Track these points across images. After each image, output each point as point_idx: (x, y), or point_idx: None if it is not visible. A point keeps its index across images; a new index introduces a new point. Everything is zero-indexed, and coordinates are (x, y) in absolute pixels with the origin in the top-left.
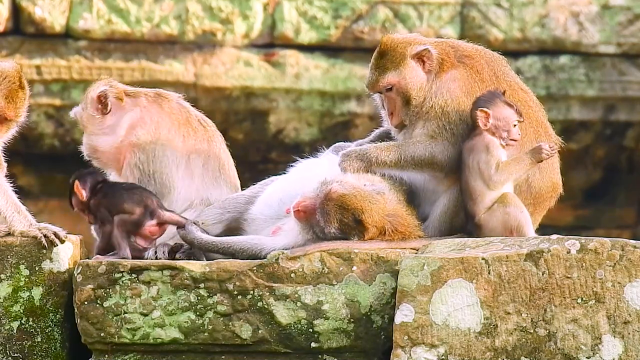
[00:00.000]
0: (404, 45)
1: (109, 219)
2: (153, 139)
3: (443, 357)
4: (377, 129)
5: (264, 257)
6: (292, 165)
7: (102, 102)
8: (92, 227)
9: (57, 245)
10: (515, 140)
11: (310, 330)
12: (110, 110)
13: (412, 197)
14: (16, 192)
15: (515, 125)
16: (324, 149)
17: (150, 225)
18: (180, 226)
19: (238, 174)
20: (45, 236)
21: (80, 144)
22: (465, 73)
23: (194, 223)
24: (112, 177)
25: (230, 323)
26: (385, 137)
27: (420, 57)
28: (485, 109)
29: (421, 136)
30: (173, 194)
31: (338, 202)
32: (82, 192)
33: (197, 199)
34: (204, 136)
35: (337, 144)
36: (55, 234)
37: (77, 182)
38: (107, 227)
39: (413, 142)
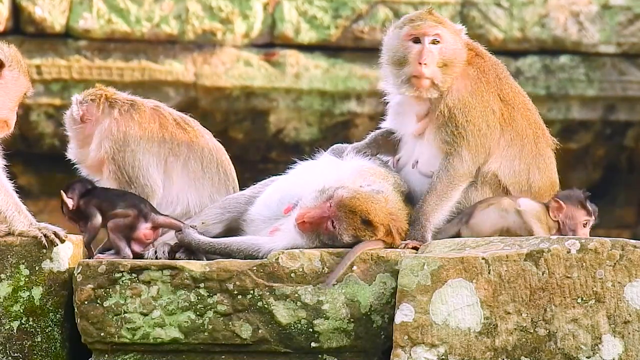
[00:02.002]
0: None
1: (95, 214)
2: (120, 149)
3: (443, 357)
4: (376, 129)
5: (262, 258)
6: (291, 166)
7: (73, 109)
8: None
9: (57, 245)
10: None
11: (310, 330)
12: (85, 120)
13: (411, 197)
14: (16, 192)
15: (584, 225)
16: (321, 150)
17: (144, 228)
18: (177, 229)
19: (238, 173)
20: (45, 236)
21: None
22: (475, 72)
23: (191, 226)
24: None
25: (230, 323)
26: (381, 138)
27: (460, 37)
28: (561, 202)
29: (439, 162)
30: (158, 194)
31: (348, 207)
32: (69, 202)
33: (179, 202)
34: (182, 139)
35: (334, 146)
36: (56, 234)
37: (62, 192)
38: (94, 222)
39: (439, 183)
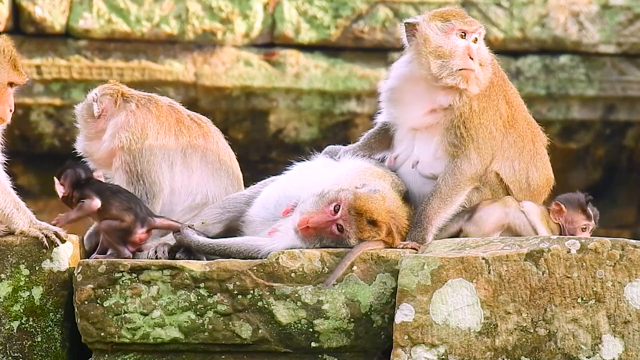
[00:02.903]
0: None
1: (94, 197)
2: (138, 140)
3: (443, 356)
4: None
5: (261, 258)
6: (290, 167)
7: (94, 106)
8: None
9: (58, 245)
10: None
11: (310, 329)
12: (100, 116)
13: (409, 197)
14: (16, 192)
15: (584, 230)
16: (315, 152)
17: (140, 233)
18: (175, 230)
19: None
20: (46, 236)
21: None
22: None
23: (189, 226)
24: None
25: (230, 323)
26: (374, 141)
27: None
28: (562, 205)
29: (445, 164)
30: (165, 192)
31: (355, 210)
32: (59, 189)
33: (199, 192)
34: (198, 132)
35: (328, 147)
36: (56, 234)
37: (55, 179)
38: (91, 204)
39: (445, 186)
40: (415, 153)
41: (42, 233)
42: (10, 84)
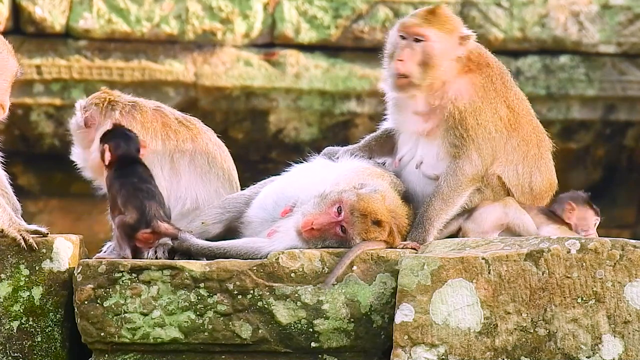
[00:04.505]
0: (458, 21)
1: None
2: None
3: (443, 356)
4: (373, 131)
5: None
6: (287, 170)
7: (78, 116)
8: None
9: (35, 249)
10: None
11: (310, 330)
12: (90, 125)
13: (408, 197)
14: (16, 192)
15: (595, 225)
16: (313, 153)
17: (144, 232)
18: (173, 238)
19: (238, 173)
20: (23, 239)
21: None
22: (483, 80)
23: (188, 232)
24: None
25: (230, 323)
26: (375, 143)
27: (461, 40)
28: (572, 203)
29: (446, 165)
30: None
31: (359, 211)
32: (107, 157)
33: (189, 197)
34: (186, 135)
35: (326, 148)
36: (37, 232)
37: (106, 145)
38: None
39: (446, 186)
40: (419, 154)
41: (20, 235)
42: (15, 75)
